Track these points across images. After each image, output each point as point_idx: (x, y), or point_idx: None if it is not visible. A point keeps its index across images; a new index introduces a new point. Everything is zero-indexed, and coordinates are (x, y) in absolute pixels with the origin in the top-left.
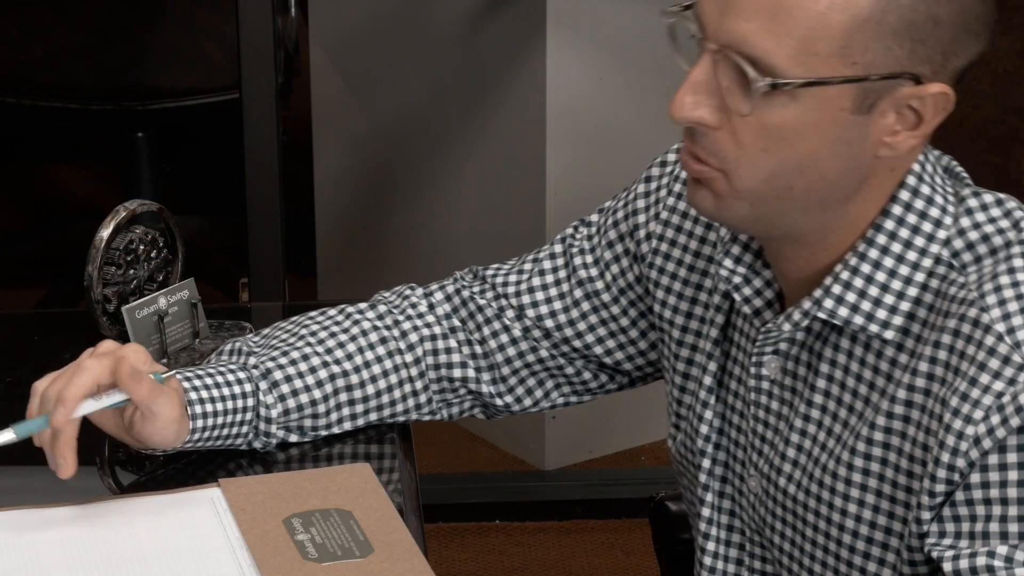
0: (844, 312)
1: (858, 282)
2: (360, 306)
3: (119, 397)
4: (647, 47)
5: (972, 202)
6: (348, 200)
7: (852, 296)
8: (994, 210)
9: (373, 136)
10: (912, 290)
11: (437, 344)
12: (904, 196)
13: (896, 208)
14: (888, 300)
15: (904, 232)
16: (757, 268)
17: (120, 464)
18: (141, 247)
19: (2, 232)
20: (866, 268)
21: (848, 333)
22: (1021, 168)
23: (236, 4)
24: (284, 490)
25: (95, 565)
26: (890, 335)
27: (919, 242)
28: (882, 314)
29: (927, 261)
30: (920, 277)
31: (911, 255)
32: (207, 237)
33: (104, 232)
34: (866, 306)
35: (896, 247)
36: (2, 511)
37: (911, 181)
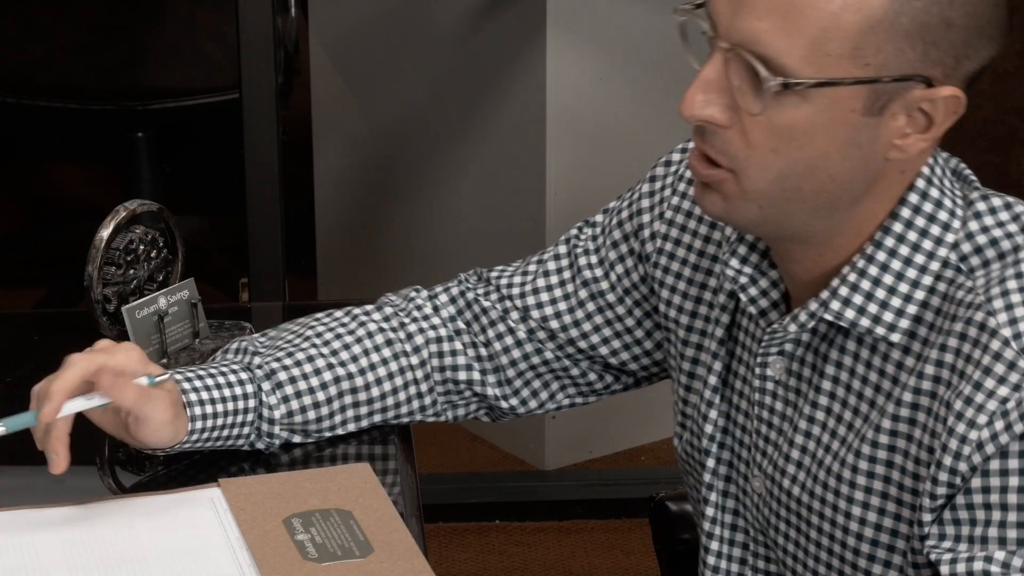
0: (850, 314)
1: (865, 284)
2: (366, 308)
3: (109, 398)
4: (647, 47)
5: (980, 205)
6: (348, 200)
7: (859, 298)
8: (1003, 214)
9: (373, 136)
10: (919, 293)
11: (443, 346)
12: (913, 199)
13: (904, 211)
14: (895, 303)
15: (912, 235)
16: (763, 268)
17: (120, 464)
18: (141, 247)
19: (2, 232)
20: (873, 270)
21: (854, 335)
22: (1021, 168)
23: (236, 4)
24: (284, 490)
25: (95, 565)
26: (896, 338)
27: (927, 245)
28: (888, 317)
29: (934, 264)
30: (927, 280)
31: (918, 258)
32: (207, 237)
33: (104, 232)
34: (872, 308)
35: (904, 250)
36: (2, 511)
37: (920, 184)
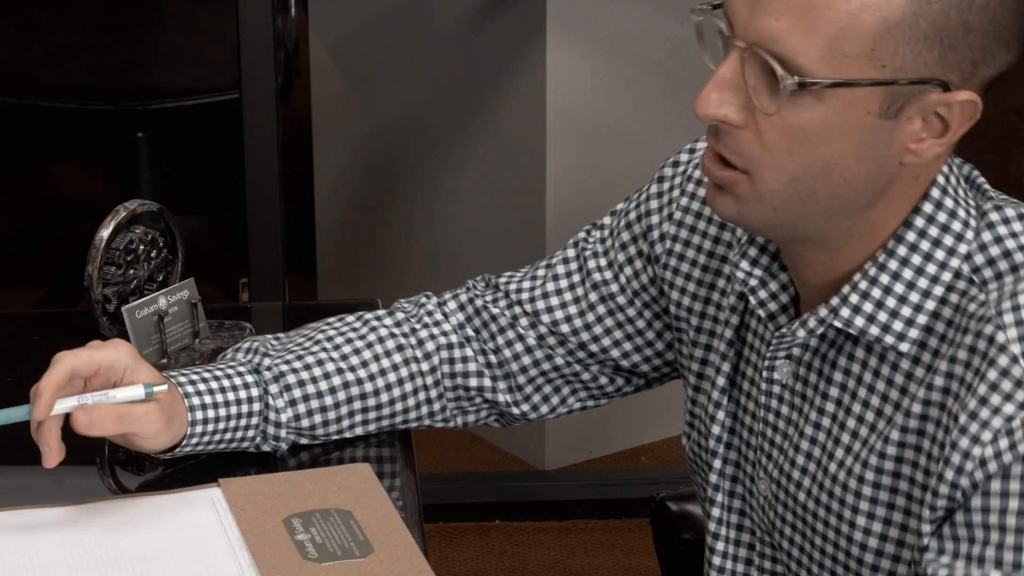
0: (860, 322)
1: (876, 292)
2: (378, 313)
3: (102, 403)
4: (647, 47)
5: (994, 216)
6: (348, 200)
7: (869, 306)
8: (1016, 224)
9: (373, 136)
10: (930, 303)
11: (453, 353)
12: (927, 208)
13: (919, 220)
14: (905, 312)
15: (925, 244)
16: (774, 271)
17: (120, 464)
18: (141, 247)
19: (2, 232)
20: (885, 279)
21: (863, 343)
22: (1021, 168)
23: (236, 4)
24: (284, 490)
25: (95, 565)
26: (906, 347)
27: (939, 255)
28: (899, 326)
29: (947, 275)
30: (939, 291)
31: (931, 268)
32: (207, 237)
33: (104, 232)
34: (883, 317)
35: (916, 259)
36: (2, 511)
37: (935, 193)
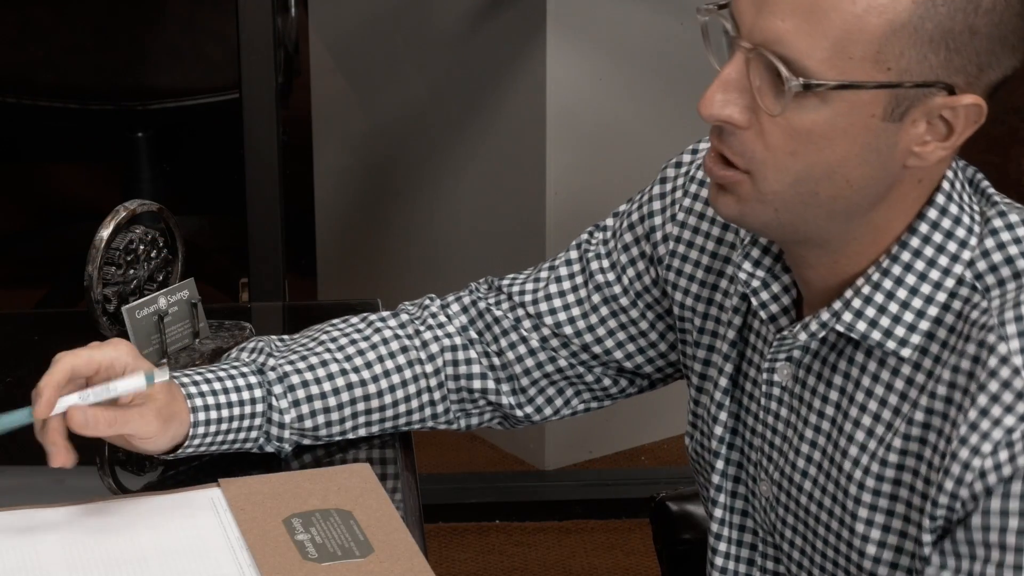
0: (863, 326)
1: (878, 297)
2: (383, 314)
3: (104, 395)
4: (647, 47)
5: (997, 222)
6: (348, 200)
7: (872, 311)
8: (1020, 230)
9: (373, 136)
10: (932, 309)
11: (457, 355)
12: (932, 214)
13: (923, 226)
14: (907, 317)
15: (929, 250)
16: (776, 272)
17: (120, 464)
18: (141, 247)
19: (2, 232)
20: (888, 284)
21: (863, 347)
22: (1021, 168)
23: (236, 4)
24: (284, 490)
25: (95, 565)
26: (907, 353)
27: (943, 261)
28: (901, 331)
29: (949, 281)
30: (941, 297)
31: (934, 274)
32: (207, 237)
33: (104, 232)
34: (885, 322)
35: (919, 265)
36: (2, 511)
37: (940, 199)
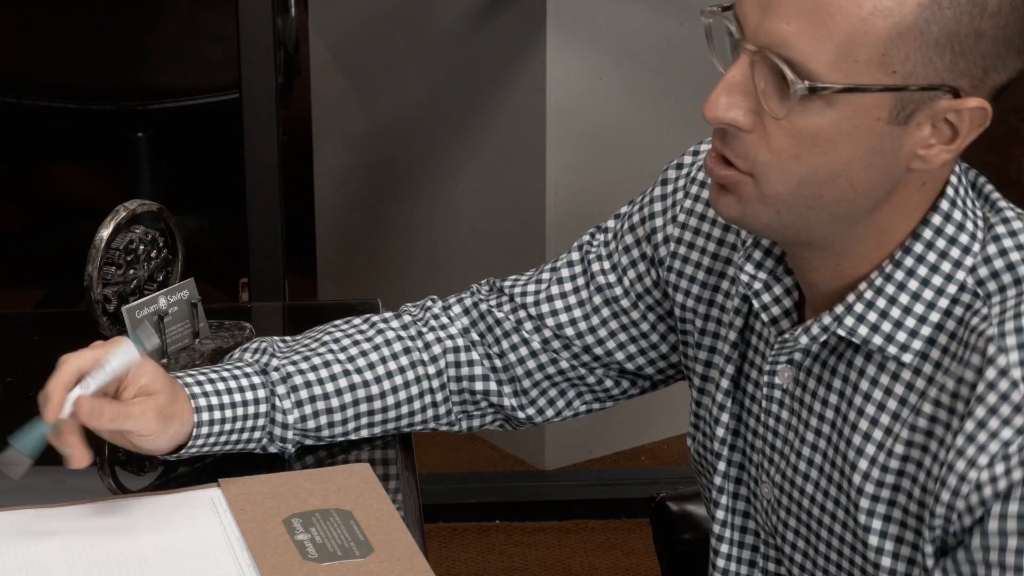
0: (864, 331)
1: (881, 302)
2: (385, 315)
3: (103, 378)
4: (647, 47)
5: (1000, 228)
6: (348, 200)
7: (873, 315)
8: (1022, 237)
9: (373, 136)
10: (934, 315)
11: (460, 356)
12: (936, 220)
13: (927, 232)
14: (909, 323)
15: (932, 256)
16: (779, 274)
17: (120, 464)
18: (141, 247)
19: (2, 232)
20: (890, 289)
21: (864, 352)
22: (1021, 168)
23: (236, 4)
24: (284, 490)
25: (95, 565)
26: (908, 358)
27: (946, 267)
28: (902, 336)
29: (952, 287)
30: (943, 303)
31: (936, 280)
32: (207, 237)
33: (104, 232)
34: (887, 327)
35: (922, 270)
36: (2, 511)
37: (944, 205)
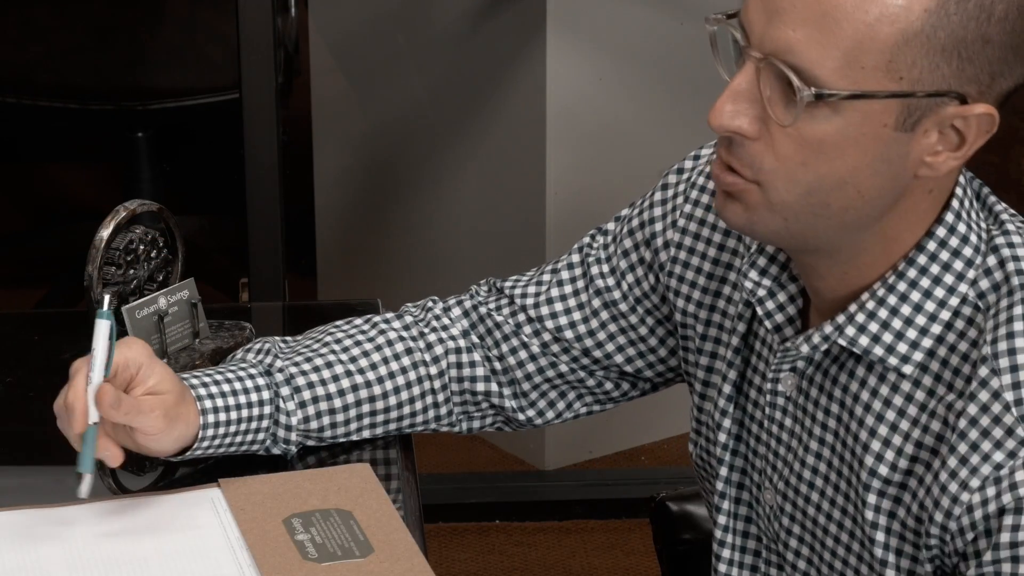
0: (864, 341)
1: (883, 313)
2: (387, 316)
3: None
4: (647, 47)
5: (1000, 240)
6: (348, 200)
7: (874, 326)
8: (1020, 250)
9: (373, 136)
10: (935, 327)
11: (461, 357)
12: (940, 232)
13: (931, 244)
14: (910, 334)
15: (935, 268)
16: (783, 281)
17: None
18: (141, 247)
19: (2, 232)
20: (892, 300)
21: (865, 362)
22: (1021, 168)
23: (236, 4)
24: (284, 490)
25: (95, 565)
26: (908, 370)
27: (948, 280)
28: (903, 348)
29: (954, 300)
30: (945, 315)
31: (939, 292)
32: (207, 237)
33: (104, 232)
34: (888, 338)
35: (925, 282)
36: (2, 511)
37: (948, 218)
